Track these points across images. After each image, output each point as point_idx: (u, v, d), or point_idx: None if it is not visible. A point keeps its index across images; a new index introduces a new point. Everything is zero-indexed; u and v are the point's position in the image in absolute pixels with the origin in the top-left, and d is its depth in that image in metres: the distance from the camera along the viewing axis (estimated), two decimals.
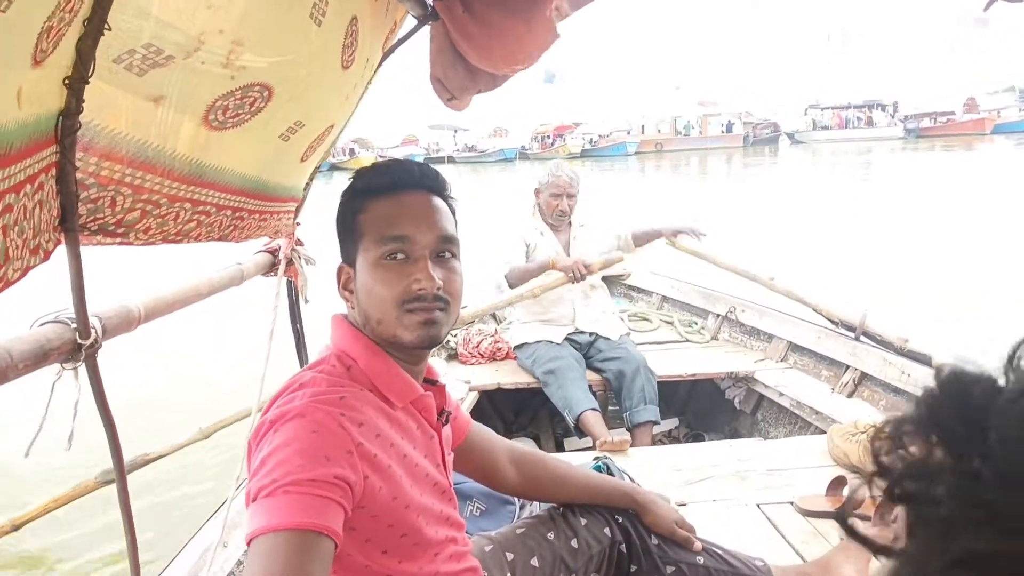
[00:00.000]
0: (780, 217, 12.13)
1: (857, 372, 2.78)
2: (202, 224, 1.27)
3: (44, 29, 0.70)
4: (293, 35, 1.12)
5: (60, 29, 0.74)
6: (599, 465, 1.67)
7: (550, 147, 42.93)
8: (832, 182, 18.55)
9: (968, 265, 7.63)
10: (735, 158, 32.33)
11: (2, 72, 0.68)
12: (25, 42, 0.69)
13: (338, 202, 1.09)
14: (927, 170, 19.94)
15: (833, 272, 7.05)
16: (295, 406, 0.92)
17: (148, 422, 4.58)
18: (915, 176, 18.23)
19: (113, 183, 0.99)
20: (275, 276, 1.84)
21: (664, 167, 29.36)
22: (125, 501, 1.25)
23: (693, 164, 30.54)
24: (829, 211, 12.67)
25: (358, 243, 1.05)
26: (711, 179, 23.39)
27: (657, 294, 4.15)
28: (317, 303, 2.05)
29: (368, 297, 1.03)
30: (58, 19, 0.72)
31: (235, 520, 1.74)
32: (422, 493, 1.04)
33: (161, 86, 0.97)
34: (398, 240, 1.02)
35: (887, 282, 6.62)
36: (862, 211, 12.34)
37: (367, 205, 1.05)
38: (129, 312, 1.23)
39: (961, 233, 9.54)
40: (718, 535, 1.52)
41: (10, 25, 0.64)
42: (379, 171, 1.08)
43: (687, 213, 3.66)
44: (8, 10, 0.62)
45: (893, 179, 17.80)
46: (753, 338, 3.43)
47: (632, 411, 2.84)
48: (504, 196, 16.56)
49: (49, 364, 1.04)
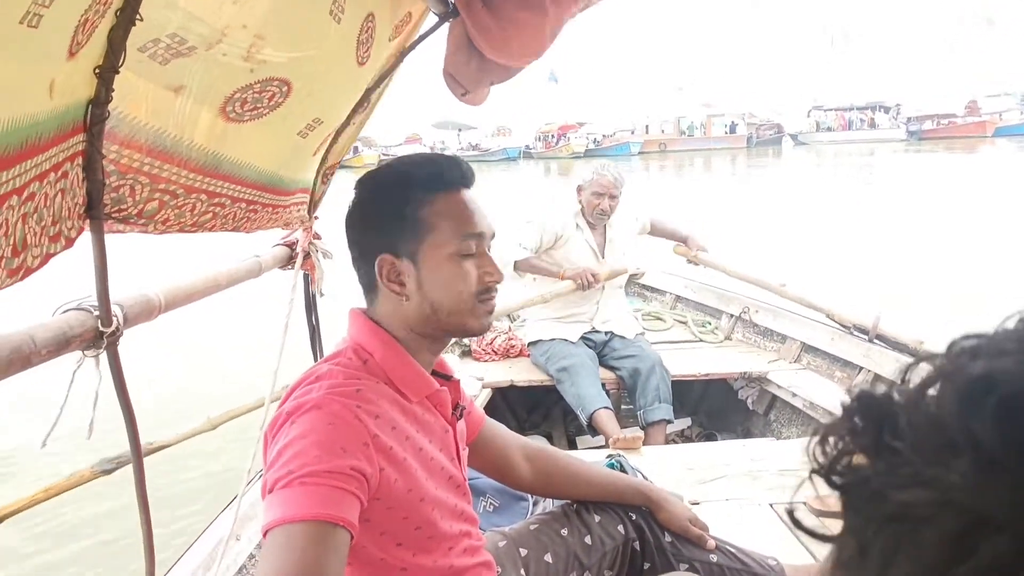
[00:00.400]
0: (784, 220, 12.06)
1: (871, 374, 2.76)
2: (217, 216, 1.28)
3: (81, 22, 0.71)
4: (313, 31, 1.13)
5: (95, 21, 0.74)
6: (612, 463, 1.67)
7: (554, 146, 42.80)
8: (836, 184, 18.46)
9: (971, 268, 7.60)
10: (739, 159, 32.18)
11: (39, 66, 0.69)
12: (63, 36, 0.70)
13: (381, 192, 1.06)
14: (929, 172, 19.91)
15: (839, 275, 7.01)
16: (312, 398, 0.93)
17: (161, 412, 4.62)
18: (918, 178, 18.19)
19: (132, 171, 1.00)
20: (292, 269, 1.84)
21: (668, 167, 29.21)
22: (142, 490, 1.26)
23: (697, 165, 30.37)
24: (833, 214, 12.61)
25: (423, 236, 1.03)
26: (715, 179, 23.25)
27: (671, 294, 4.14)
28: (331, 296, 2.05)
29: (443, 290, 1.04)
30: (94, 11, 0.72)
31: (248, 513, 1.74)
32: (437, 486, 1.05)
33: (182, 76, 0.97)
34: (477, 236, 1.05)
35: (892, 285, 6.57)
36: (865, 214, 12.29)
37: (435, 198, 1.04)
38: (150, 301, 1.24)
39: (963, 236, 9.52)
40: (731, 534, 1.51)
41: (51, 21, 0.64)
42: (443, 165, 1.07)
43: (695, 222, 3.68)
44: (52, 5, 0.63)
45: (896, 181, 17.74)
46: (766, 339, 3.42)
47: (646, 409, 2.83)
48: (507, 194, 16.55)
49: (71, 351, 1.05)
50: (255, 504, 1.79)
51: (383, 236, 1.04)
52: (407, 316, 1.05)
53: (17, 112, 0.69)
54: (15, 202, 0.74)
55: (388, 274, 1.04)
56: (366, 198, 1.07)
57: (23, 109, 0.70)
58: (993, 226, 10.14)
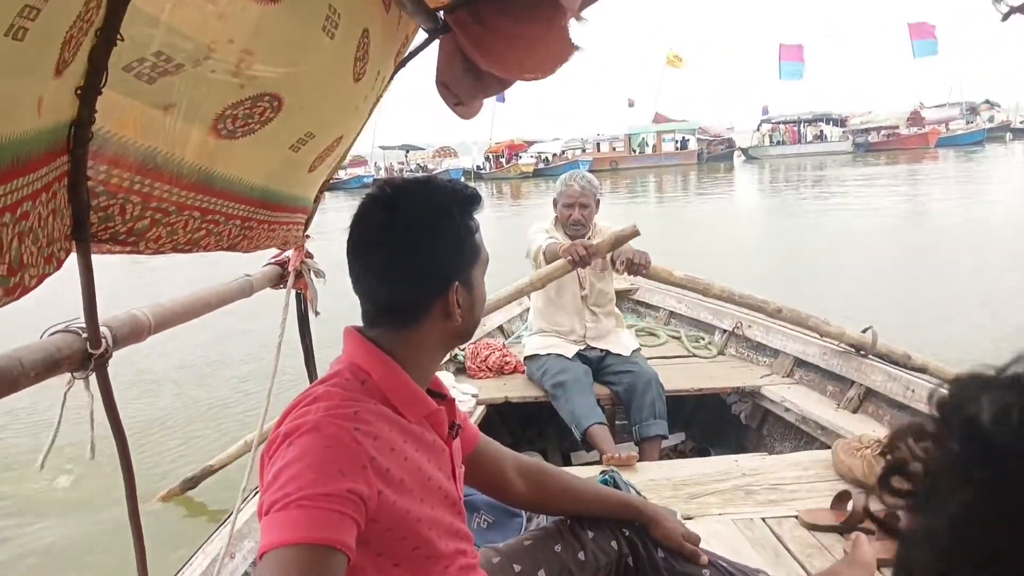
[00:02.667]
0: (732, 241, 12.21)
1: (862, 388, 2.78)
2: (211, 233, 1.28)
3: (67, 39, 0.71)
4: (305, 47, 1.13)
5: (79, 39, 0.74)
6: (606, 479, 1.67)
7: (504, 166, 41.85)
8: (787, 202, 18.63)
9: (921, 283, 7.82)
10: (691, 176, 31.81)
11: (28, 81, 0.69)
12: (50, 52, 0.70)
13: (440, 219, 1.05)
14: (876, 185, 20.43)
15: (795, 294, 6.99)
16: (309, 419, 0.92)
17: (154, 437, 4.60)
18: (866, 192, 18.60)
19: (122, 191, 1.00)
20: (284, 288, 1.84)
21: (620, 186, 28.67)
22: (134, 511, 1.25)
23: (648, 183, 29.78)
24: (786, 233, 12.82)
25: (475, 259, 1.10)
26: (666, 200, 23.03)
27: (664, 309, 4.15)
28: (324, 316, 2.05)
29: (479, 307, 1.13)
30: (77, 28, 0.72)
31: (241, 531, 1.74)
32: (434, 506, 1.04)
33: (170, 94, 0.97)
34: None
35: (851, 303, 6.56)
36: (818, 231, 12.48)
37: (477, 225, 1.10)
38: (139, 322, 1.24)
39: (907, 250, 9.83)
40: (724, 548, 1.52)
41: (37, 36, 0.65)
42: (469, 188, 1.11)
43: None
44: (37, 19, 0.63)
45: (846, 196, 18.15)
46: (759, 353, 3.43)
47: (641, 425, 2.82)
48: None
49: (60, 373, 1.05)
50: (249, 522, 1.78)
51: (450, 261, 1.06)
52: (447, 336, 1.10)
53: (5, 128, 0.69)
54: (8, 219, 0.73)
55: (458, 300, 1.06)
56: (423, 224, 1.05)
57: (11, 125, 0.70)
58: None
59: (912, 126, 40.09)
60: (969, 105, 45.17)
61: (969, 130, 40.97)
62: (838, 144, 41.54)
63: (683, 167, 38.86)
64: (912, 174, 24.18)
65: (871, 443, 2.12)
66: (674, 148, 41.63)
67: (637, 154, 41.84)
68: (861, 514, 1.84)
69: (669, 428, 2.88)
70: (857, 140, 41.09)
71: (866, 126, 42.39)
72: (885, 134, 41.09)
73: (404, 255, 1.04)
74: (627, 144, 42.56)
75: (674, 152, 41.38)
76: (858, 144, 40.53)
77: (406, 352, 1.05)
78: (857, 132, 42.11)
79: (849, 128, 42.98)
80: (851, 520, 1.85)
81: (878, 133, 41.59)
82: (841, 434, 2.52)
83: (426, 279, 1.05)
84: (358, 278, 1.07)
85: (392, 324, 1.07)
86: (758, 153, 43.14)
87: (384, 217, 1.05)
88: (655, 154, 41.31)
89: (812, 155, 39.70)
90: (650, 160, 40.87)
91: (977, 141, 38.55)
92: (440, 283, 1.05)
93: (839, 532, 1.85)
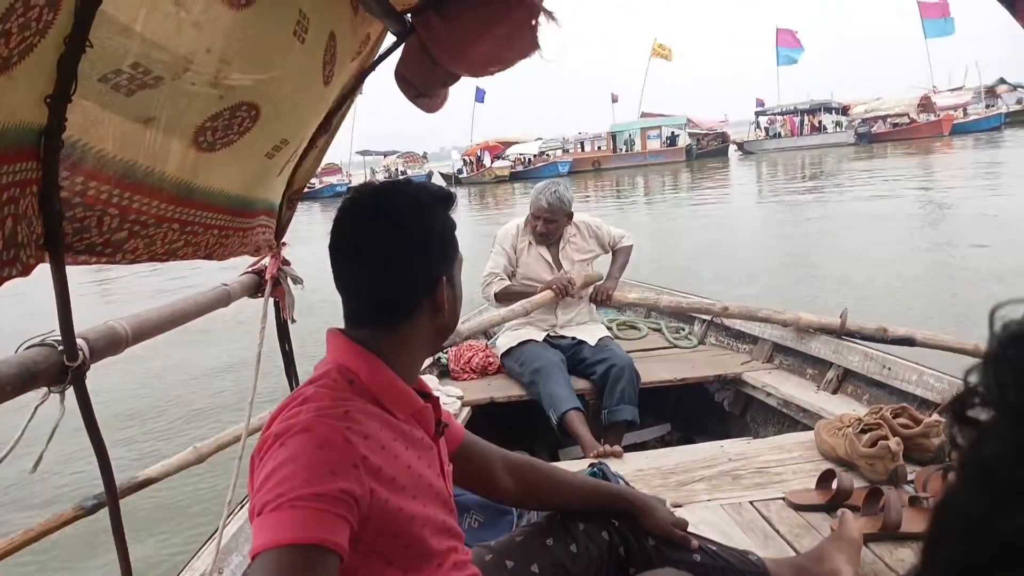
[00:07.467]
0: (732, 245, 11.33)
1: (840, 369, 2.83)
2: (189, 243, 1.27)
3: (4, 31, 0.68)
4: (278, 52, 1.13)
5: (25, 37, 0.71)
6: (594, 471, 1.67)
7: (483, 169, 39.66)
8: (786, 205, 16.29)
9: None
10: (681, 176, 29.17)
11: None
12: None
13: (425, 215, 1.07)
14: (880, 182, 18.20)
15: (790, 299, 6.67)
16: (300, 420, 0.92)
17: (137, 443, 4.50)
18: (868, 189, 16.70)
19: (100, 203, 0.98)
20: (262, 297, 1.83)
21: (603, 187, 27.04)
22: (118, 525, 1.24)
23: (628, 186, 27.44)
24: (785, 236, 11.96)
25: (453, 256, 1.12)
26: (648, 204, 20.66)
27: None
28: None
29: (459, 303, 1.15)
30: (16, 24, 0.69)
31: (229, 546, 1.72)
32: (426, 504, 1.04)
33: (150, 107, 0.96)
34: None
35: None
36: (821, 234, 11.43)
37: (455, 223, 1.12)
38: (116, 334, 1.22)
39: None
40: (714, 533, 1.53)
41: None
42: (444, 188, 1.14)
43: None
44: None
45: (847, 194, 16.44)
46: (739, 341, 3.47)
47: (611, 410, 2.87)
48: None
49: (37, 387, 1.03)
50: (236, 536, 1.76)
51: (437, 258, 1.09)
52: (434, 333, 1.11)
53: None
54: None
55: (444, 293, 1.08)
56: (411, 222, 1.06)
57: None
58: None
59: (923, 112, 36.94)
60: (987, 88, 41.20)
61: (986, 115, 37.34)
62: (838, 135, 38.55)
63: (671, 165, 36.40)
64: (924, 167, 21.32)
65: (851, 422, 2.16)
66: (661, 145, 39.03)
67: (622, 153, 39.63)
68: (846, 492, 1.87)
69: (654, 420, 2.90)
70: (860, 130, 37.80)
71: (871, 114, 38.91)
72: (892, 122, 37.66)
73: (396, 253, 1.05)
74: (610, 142, 40.37)
75: (661, 149, 38.85)
76: (860, 135, 37.32)
77: (393, 350, 1.06)
78: (860, 122, 38.70)
79: (851, 117, 39.90)
80: (836, 498, 1.87)
81: (884, 122, 38.04)
82: (822, 415, 2.57)
83: (417, 276, 1.07)
84: (347, 279, 1.07)
85: (381, 323, 1.07)
86: (754, 147, 41.30)
87: (373, 216, 1.06)
88: (640, 152, 39.07)
89: (811, 148, 37.28)
90: (635, 159, 38.72)
91: (994, 127, 35.36)
92: (429, 279, 1.07)
93: (826, 510, 1.88)
